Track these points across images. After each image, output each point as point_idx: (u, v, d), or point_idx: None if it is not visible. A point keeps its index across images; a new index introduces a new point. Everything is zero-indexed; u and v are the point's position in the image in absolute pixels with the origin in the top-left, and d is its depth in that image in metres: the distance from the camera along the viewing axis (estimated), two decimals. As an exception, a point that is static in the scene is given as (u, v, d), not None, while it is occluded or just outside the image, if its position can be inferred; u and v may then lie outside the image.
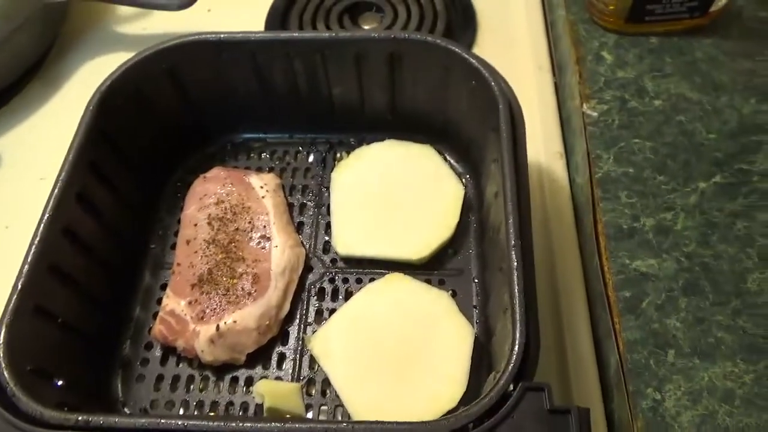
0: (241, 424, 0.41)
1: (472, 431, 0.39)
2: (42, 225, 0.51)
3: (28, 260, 0.49)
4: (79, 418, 0.41)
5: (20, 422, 0.41)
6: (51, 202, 0.52)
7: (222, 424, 0.41)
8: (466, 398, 0.54)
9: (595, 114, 0.68)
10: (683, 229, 0.60)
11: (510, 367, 0.41)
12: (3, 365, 0.44)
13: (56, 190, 0.52)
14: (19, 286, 0.48)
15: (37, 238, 0.50)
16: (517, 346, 0.42)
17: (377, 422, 0.41)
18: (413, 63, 0.61)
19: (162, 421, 0.41)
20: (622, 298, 0.56)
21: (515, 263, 0.45)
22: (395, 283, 0.60)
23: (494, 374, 0.45)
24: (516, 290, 0.44)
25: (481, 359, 0.57)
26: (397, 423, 0.40)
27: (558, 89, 0.79)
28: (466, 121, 0.63)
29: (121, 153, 0.62)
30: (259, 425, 0.40)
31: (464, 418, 0.40)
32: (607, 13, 0.72)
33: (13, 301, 0.47)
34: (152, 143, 0.66)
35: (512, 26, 0.85)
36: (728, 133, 0.65)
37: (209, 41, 0.62)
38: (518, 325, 0.43)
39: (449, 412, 0.52)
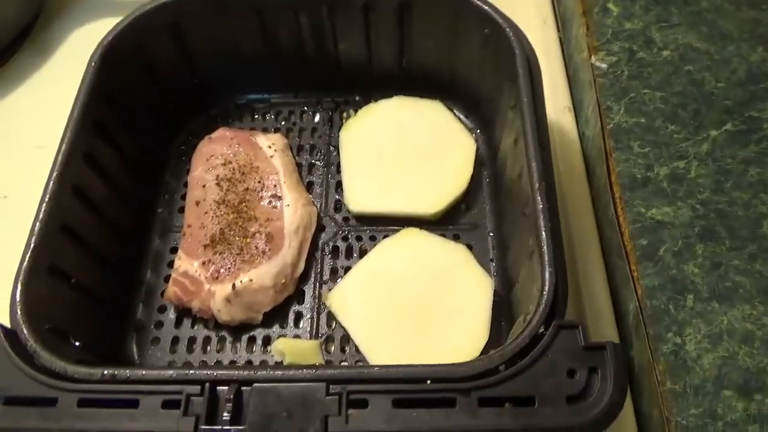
0: (273, 372, 0.40)
1: (507, 371, 0.39)
2: (52, 182, 0.49)
3: (40, 218, 0.48)
4: (105, 372, 0.40)
5: (44, 377, 0.40)
6: (59, 159, 0.50)
7: (253, 372, 0.40)
8: (486, 350, 0.53)
9: (604, 66, 0.67)
10: (697, 176, 0.60)
11: (541, 308, 0.41)
12: (22, 322, 0.43)
13: (64, 148, 0.51)
14: (32, 244, 0.46)
15: (48, 196, 0.49)
16: (547, 287, 0.42)
17: (410, 365, 0.40)
18: (423, 13, 0.60)
19: (191, 371, 0.40)
20: (639, 246, 0.56)
21: (541, 205, 0.45)
22: (411, 237, 0.59)
23: (524, 317, 0.44)
24: (543, 231, 0.44)
25: (500, 311, 0.56)
26: (430, 365, 0.40)
27: (563, 44, 0.78)
28: (477, 73, 0.62)
29: (124, 112, 0.60)
30: (290, 372, 0.40)
31: (498, 358, 0.40)
32: (614, -37, 0.71)
33: (26, 260, 0.46)
34: (155, 102, 0.64)
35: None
36: (737, 82, 0.65)
37: (212, -5, 0.60)
38: (547, 266, 0.42)
39: (472, 362, 0.52)
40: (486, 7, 0.56)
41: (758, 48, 0.67)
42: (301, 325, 0.58)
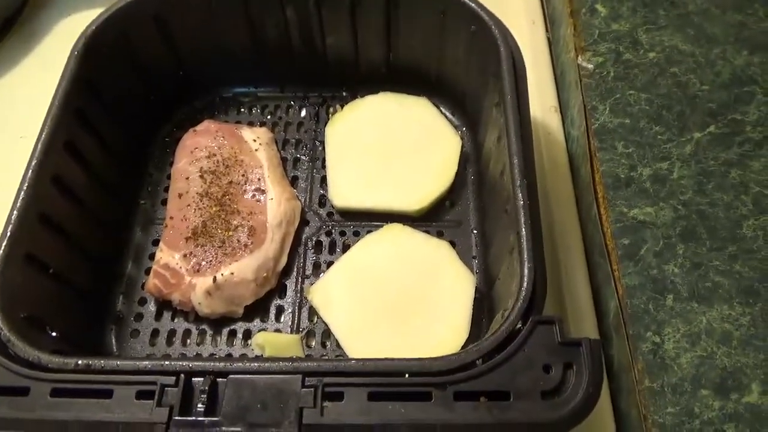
0: (248, 364, 0.40)
1: (484, 365, 0.39)
2: (30, 170, 0.49)
3: (17, 206, 0.47)
4: (80, 361, 0.40)
5: (16, 366, 0.40)
6: (39, 147, 0.50)
7: (229, 364, 0.40)
8: (467, 347, 0.53)
9: (590, 66, 0.68)
10: (679, 177, 0.60)
11: (519, 304, 0.41)
12: (-4, 310, 0.42)
13: (43, 135, 0.50)
14: (9, 232, 0.46)
15: (26, 184, 0.48)
16: (526, 282, 0.42)
17: (387, 358, 0.40)
18: (410, 9, 0.60)
19: (167, 362, 0.40)
20: (621, 246, 0.56)
21: (521, 201, 0.45)
22: (394, 233, 0.59)
23: (502, 312, 0.44)
24: (523, 228, 0.44)
25: (481, 308, 0.56)
26: (407, 359, 0.40)
27: (551, 44, 0.78)
28: (462, 70, 0.62)
29: (107, 102, 0.59)
30: (266, 364, 0.40)
31: (475, 353, 0.40)
32: (602, -35, 0.71)
33: (2, 248, 0.45)
34: (139, 94, 0.64)
35: (505, -19, 0.84)
36: (721, 85, 0.65)
37: (198, -15, 0.59)
38: (526, 262, 0.43)
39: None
40: (472, 4, 0.56)
41: (743, 51, 0.68)
42: (282, 320, 0.58)
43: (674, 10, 0.71)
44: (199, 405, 0.38)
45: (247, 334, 0.57)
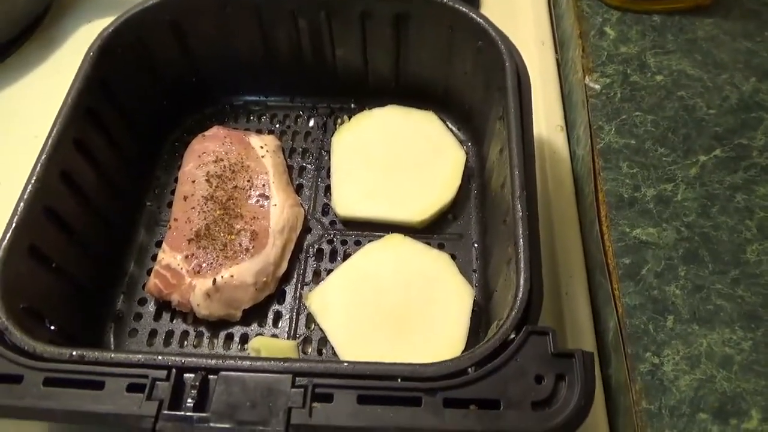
0: (240, 362, 0.40)
1: (475, 373, 0.39)
2: (39, 164, 0.50)
3: (24, 198, 0.48)
4: (74, 352, 0.40)
5: (12, 354, 0.40)
6: (49, 142, 0.51)
7: (220, 361, 0.40)
8: (462, 357, 0.53)
9: (597, 87, 0.68)
10: (683, 199, 0.60)
11: (514, 313, 0.41)
12: (-4, 299, 0.43)
13: (54, 131, 0.51)
14: (14, 223, 0.47)
15: (34, 177, 0.49)
16: (521, 292, 0.42)
17: (378, 362, 0.40)
18: (419, 24, 0.61)
19: (159, 357, 0.40)
20: (622, 265, 0.56)
21: (520, 213, 0.45)
22: (395, 243, 0.59)
23: (497, 322, 0.44)
24: (520, 238, 0.44)
25: (479, 322, 0.56)
26: (399, 363, 0.40)
27: (560, 65, 0.79)
28: (469, 85, 0.63)
29: (119, 104, 0.61)
30: (257, 363, 0.40)
31: (467, 360, 0.40)
32: (611, -11, 0.72)
33: (7, 238, 0.46)
34: (151, 97, 0.65)
35: (515, 1, 0.85)
36: (728, 110, 0.66)
37: (214, -6, 0.61)
38: (522, 272, 0.42)
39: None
40: (479, 20, 0.57)
41: (751, 78, 0.68)
42: (279, 325, 0.58)
43: (683, 35, 0.72)
44: (189, 400, 0.38)
45: (244, 338, 0.58)
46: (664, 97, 0.67)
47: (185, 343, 0.57)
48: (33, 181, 0.49)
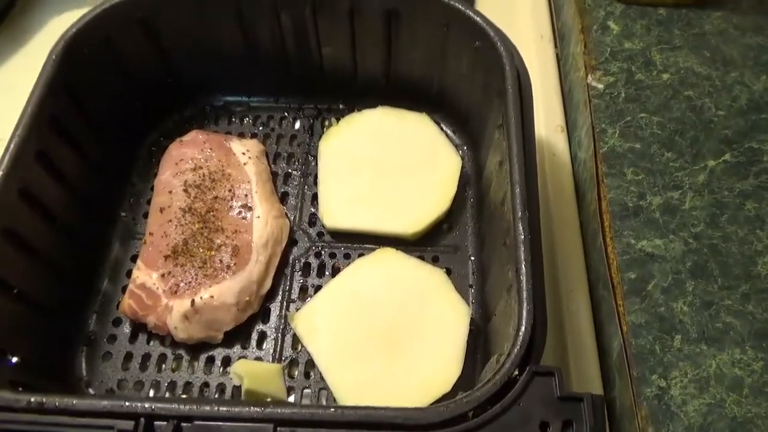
0: (216, 408, 0.36)
1: (474, 419, 0.35)
2: (-5, 183, 0.45)
3: (-21, 222, 0.44)
4: (32, 399, 0.36)
5: (-37, 403, 0.36)
6: (6, 159, 0.46)
7: (194, 407, 0.36)
8: (459, 384, 0.50)
9: (600, 86, 0.64)
10: (691, 208, 0.57)
11: (516, 350, 0.38)
12: (-56, 338, 0.39)
13: (12, 146, 0.47)
14: (-33, 250, 0.43)
15: (-10, 198, 0.45)
16: (524, 327, 0.38)
17: (368, 407, 0.36)
18: (411, 21, 0.57)
19: (126, 403, 0.36)
20: (627, 280, 0.53)
21: (522, 236, 0.41)
22: (386, 258, 0.56)
23: (497, 357, 0.41)
24: (523, 266, 0.40)
25: (476, 343, 0.53)
26: (390, 408, 0.36)
27: (560, 61, 0.75)
28: (466, 87, 0.59)
29: (87, 109, 0.56)
30: (235, 409, 0.36)
31: (465, 404, 0.36)
32: (615, -20, 0.68)
33: (-41, 267, 0.42)
34: (123, 101, 0.61)
35: (513, -8, 0.80)
36: (738, 111, 0.62)
37: (189, -12, 0.56)
38: (525, 304, 0.39)
39: (442, 398, 0.49)
40: (477, 19, 0.52)
41: (762, 76, 0.64)
42: (264, 347, 0.55)
43: (690, 30, 0.68)
44: (160, 453, 0.35)
45: (227, 361, 0.54)
46: (670, 97, 0.63)
47: (163, 366, 0.54)
48: (-12, 202, 0.45)
